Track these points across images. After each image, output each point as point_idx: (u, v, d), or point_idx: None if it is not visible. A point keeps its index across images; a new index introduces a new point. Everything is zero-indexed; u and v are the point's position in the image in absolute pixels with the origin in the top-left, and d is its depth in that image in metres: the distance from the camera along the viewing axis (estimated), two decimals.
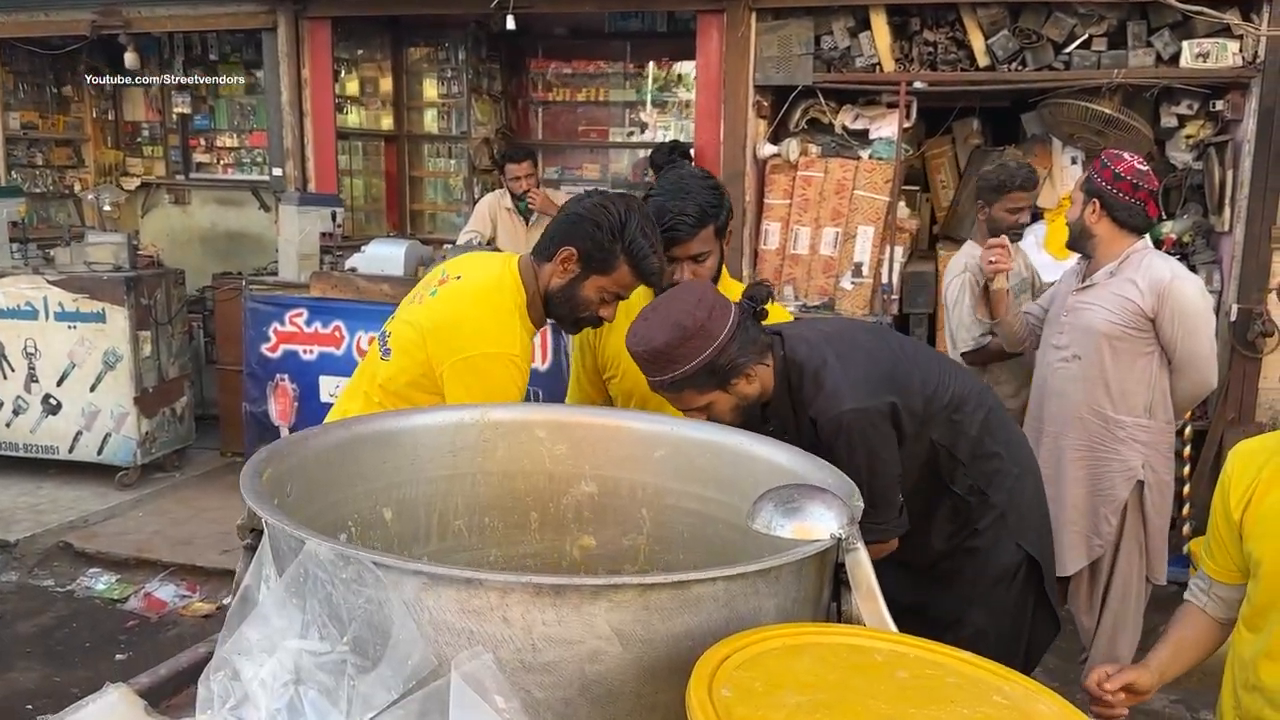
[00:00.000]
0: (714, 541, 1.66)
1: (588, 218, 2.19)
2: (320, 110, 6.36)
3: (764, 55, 5.35)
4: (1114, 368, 3.22)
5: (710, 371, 1.98)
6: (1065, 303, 3.37)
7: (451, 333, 2.20)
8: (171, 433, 6.11)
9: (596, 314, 2.26)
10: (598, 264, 2.19)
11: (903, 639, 1.14)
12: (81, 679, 4.02)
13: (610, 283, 2.21)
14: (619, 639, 1.03)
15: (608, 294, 2.23)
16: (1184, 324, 3.16)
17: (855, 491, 1.35)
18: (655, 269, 2.20)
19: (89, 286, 5.68)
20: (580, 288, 2.22)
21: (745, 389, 2.05)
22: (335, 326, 5.32)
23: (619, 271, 2.19)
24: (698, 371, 1.97)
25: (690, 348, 1.96)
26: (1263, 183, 4.68)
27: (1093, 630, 3.41)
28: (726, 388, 2.02)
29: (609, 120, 7.95)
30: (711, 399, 2.02)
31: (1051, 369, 3.38)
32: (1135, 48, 4.84)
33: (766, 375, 2.09)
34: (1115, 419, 3.25)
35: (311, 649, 1.11)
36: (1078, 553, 3.32)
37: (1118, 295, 3.20)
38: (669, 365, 1.97)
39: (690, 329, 1.96)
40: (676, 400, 2.05)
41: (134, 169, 8.01)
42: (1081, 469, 3.30)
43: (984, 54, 5.02)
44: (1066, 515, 3.29)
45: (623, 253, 2.17)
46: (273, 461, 1.36)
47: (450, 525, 1.68)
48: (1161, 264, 3.23)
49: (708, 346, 1.96)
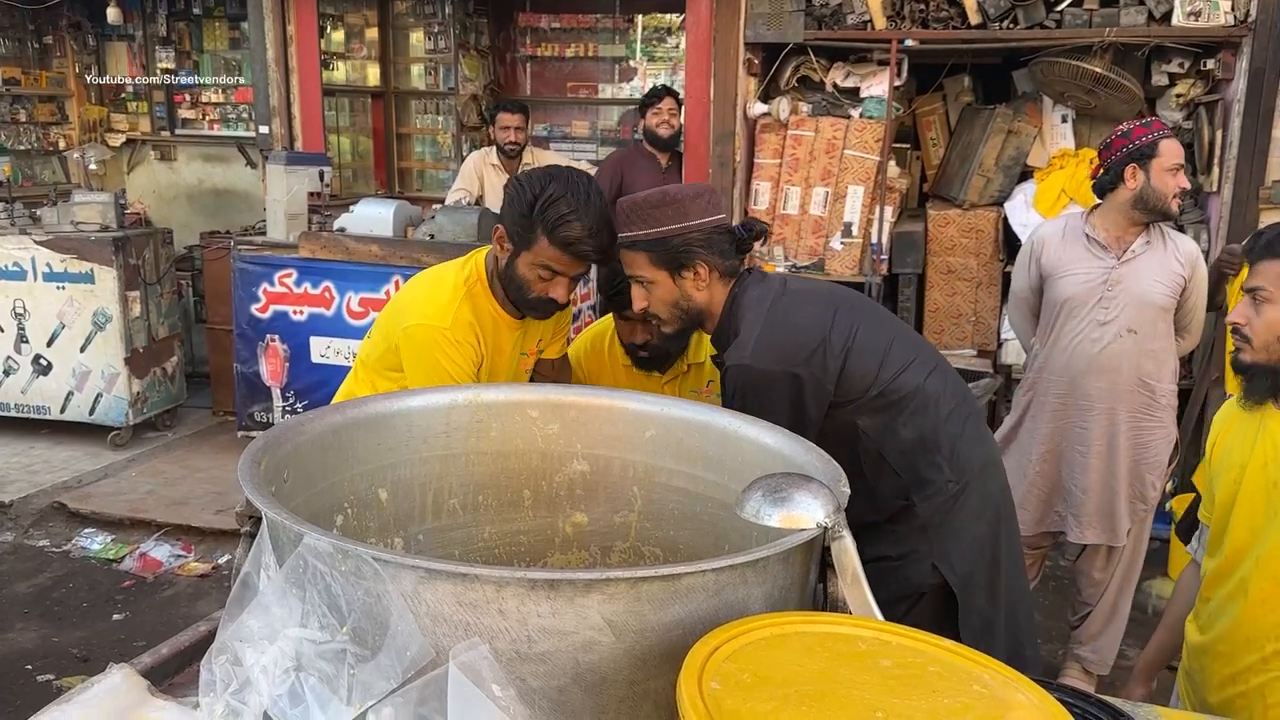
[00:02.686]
0: (703, 518, 1.69)
1: (511, 194, 2.20)
2: (306, 67, 6.29)
3: (755, 12, 5.30)
4: (1160, 338, 3.28)
5: (668, 247, 2.05)
6: (1105, 276, 3.25)
7: (397, 307, 2.35)
8: (163, 392, 6.11)
9: (544, 295, 2.21)
10: (521, 239, 2.17)
11: (887, 627, 1.17)
12: (79, 639, 4.07)
13: (535, 257, 2.16)
14: (611, 629, 1.06)
15: (542, 270, 2.17)
16: (1199, 290, 3.30)
17: (842, 476, 1.38)
18: (573, 237, 2.12)
19: (77, 247, 5.65)
20: (515, 266, 2.20)
21: (691, 288, 2.09)
22: (325, 287, 5.31)
23: (539, 244, 2.14)
24: (658, 239, 2.05)
25: (662, 214, 2.05)
26: (1251, 143, 4.69)
27: (1104, 585, 3.49)
28: (675, 275, 2.07)
29: (598, 76, 7.89)
30: (657, 279, 2.09)
31: (1098, 345, 3.27)
32: (1127, 6, 4.82)
33: (719, 294, 2.11)
34: (1159, 387, 3.31)
35: (312, 638, 1.14)
36: (1127, 521, 3.38)
37: (1167, 269, 3.23)
38: (639, 223, 2.06)
39: (671, 198, 2.07)
40: (629, 265, 2.12)
41: (119, 125, 7.94)
42: (1132, 438, 3.33)
43: (975, 12, 4.99)
44: (1121, 487, 3.34)
45: (539, 224, 2.12)
46: (269, 449, 1.38)
47: (445, 504, 1.71)
48: (1182, 237, 3.35)
49: (678, 221, 2.04)
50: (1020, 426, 3.57)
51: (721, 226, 2.10)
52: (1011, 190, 5.36)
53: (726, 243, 2.09)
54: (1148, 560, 3.78)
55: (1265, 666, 1.94)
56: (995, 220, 5.30)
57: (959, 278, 5.37)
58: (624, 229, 2.10)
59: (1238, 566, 2.01)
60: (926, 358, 2.15)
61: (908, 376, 2.07)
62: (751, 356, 1.98)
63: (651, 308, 2.14)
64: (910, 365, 2.08)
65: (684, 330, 2.20)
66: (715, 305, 2.12)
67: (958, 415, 2.11)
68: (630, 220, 2.08)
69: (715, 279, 2.10)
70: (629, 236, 2.09)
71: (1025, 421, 3.54)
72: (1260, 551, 1.94)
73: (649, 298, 2.12)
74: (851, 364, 2.03)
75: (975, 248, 5.32)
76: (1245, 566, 1.98)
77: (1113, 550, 3.44)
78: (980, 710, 1.00)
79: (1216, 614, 2.07)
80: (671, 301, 2.11)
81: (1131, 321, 3.24)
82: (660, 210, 2.05)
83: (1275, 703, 1.92)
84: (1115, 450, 3.32)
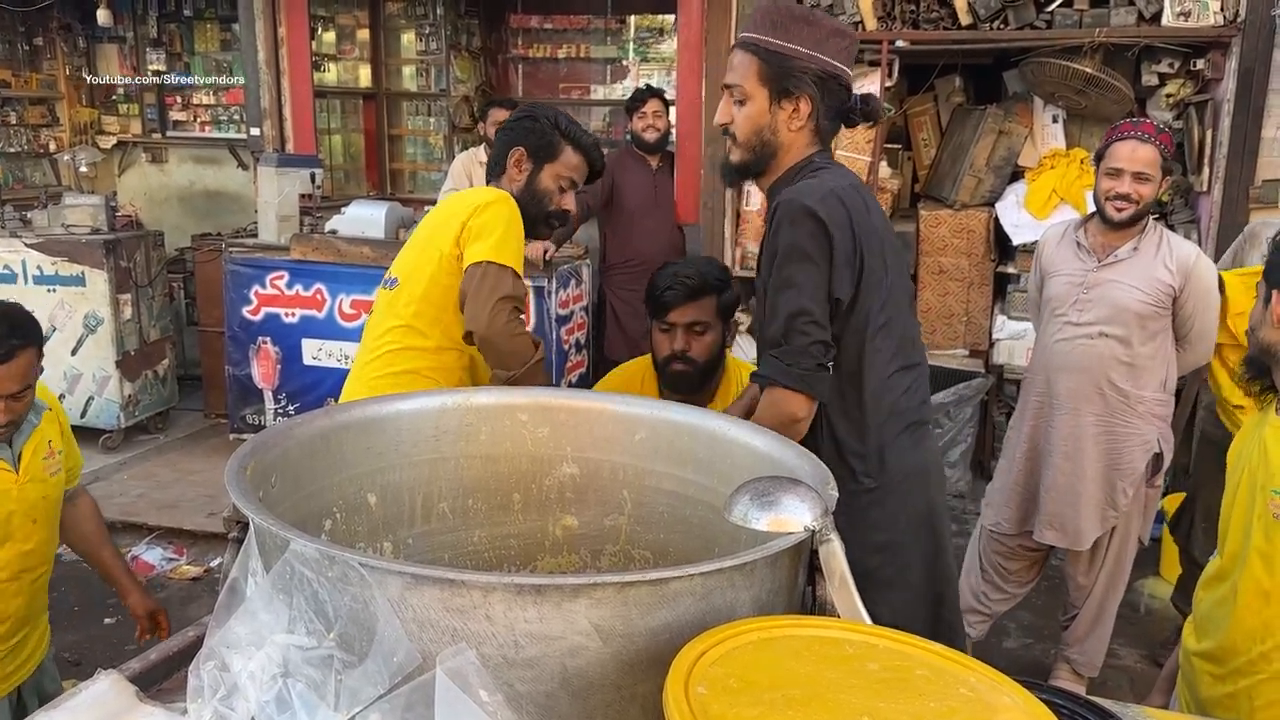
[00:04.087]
0: (692, 521, 1.69)
1: (524, 120, 2.51)
2: (297, 69, 6.29)
3: (746, 13, 5.30)
4: (1140, 345, 3.23)
5: (785, 67, 1.92)
6: (1083, 278, 3.27)
7: (455, 203, 2.47)
8: (154, 395, 6.10)
9: (559, 207, 2.50)
10: (545, 152, 2.47)
11: (874, 630, 1.17)
12: (71, 643, 4.05)
13: (561, 167, 2.48)
14: (599, 634, 1.06)
15: (563, 180, 2.49)
16: (1201, 301, 3.21)
17: (830, 480, 1.38)
18: (591, 144, 2.51)
19: (68, 249, 5.63)
20: (538, 180, 2.49)
21: (783, 121, 1.96)
22: (317, 289, 5.30)
23: (565, 154, 2.48)
24: (779, 52, 1.91)
25: (799, 31, 1.91)
26: (1241, 143, 4.71)
27: (1088, 589, 3.47)
28: (776, 100, 1.95)
29: (590, 77, 7.89)
30: (755, 95, 1.96)
31: (1070, 344, 3.29)
32: (1117, 6, 4.83)
33: (800, 145, 2.01)
34: (1136, 394, 3.25)
35: (299, 644, 1.14)
36: (1094, 526, 3.34)
37: (1149, 275, 3.18)
38: (770, 28, 1.92)
39: (815, 21, 1.93)
40: (735, 68, 1.98)
41: (110, 127, 7.92)
42: (1102, 443, 3.29)
43: (966, 12, 5.00)
44: (1086, 490, 3.30)
45: (563, 138, 2.47)
46: (257, 454, 1.38)
47: (434, 508, 1.71)
48: (1182, 243, 3.26)
49: (810, 46, 1.91)
50: (1010, 425, 3.61)
51: (843, 80, 1.98)
52: (1003, 190, 5.37)
53: (839, 100, 1.99)
54: (1140, 560, 3.79)
55: (1252, 669, 1.96)
56: (987, 220, 5.31)
57: (951, 278, 5.38)
58: (754, 29, 1.96)
59: (1230, 571, 2.04)
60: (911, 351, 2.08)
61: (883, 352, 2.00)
62: (804, 194, 1.91)
63: (733, 124, 2.01)
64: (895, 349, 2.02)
65: (750, 163, 2.05)
66: (791, 154, 2.01)
67: (900, 419, 2.04)
68: (764, 22, 1.93)
69: (807, 127, 1.99)
70: (754, 38, 1.95)
71: (1014, 420, 3.58)
72: (1246, 555, 1.96)
73: (735, 114, 2.00)
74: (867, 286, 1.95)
75: (967, 248, 5.33)
76: (1236, 571, 2.01)
77: (1095, 554, 3.43)
78: (966, 713, 1.00)
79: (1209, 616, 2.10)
80: (757, 125, 1.98)
81: (1106, 325, 3.23)
82: (798, 27, 1.91)
83: (1263, 704, 1.94)
84: (1081, 453, 3.30)
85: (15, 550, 2.48)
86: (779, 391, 1.91)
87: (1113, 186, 3.18)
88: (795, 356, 1.90)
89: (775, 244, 1.92)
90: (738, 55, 1.98)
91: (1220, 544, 2.13)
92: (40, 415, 2.51)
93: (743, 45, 1.97)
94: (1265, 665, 1.95)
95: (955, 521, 5.12)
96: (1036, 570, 3.63)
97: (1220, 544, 2.13)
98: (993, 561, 3.59)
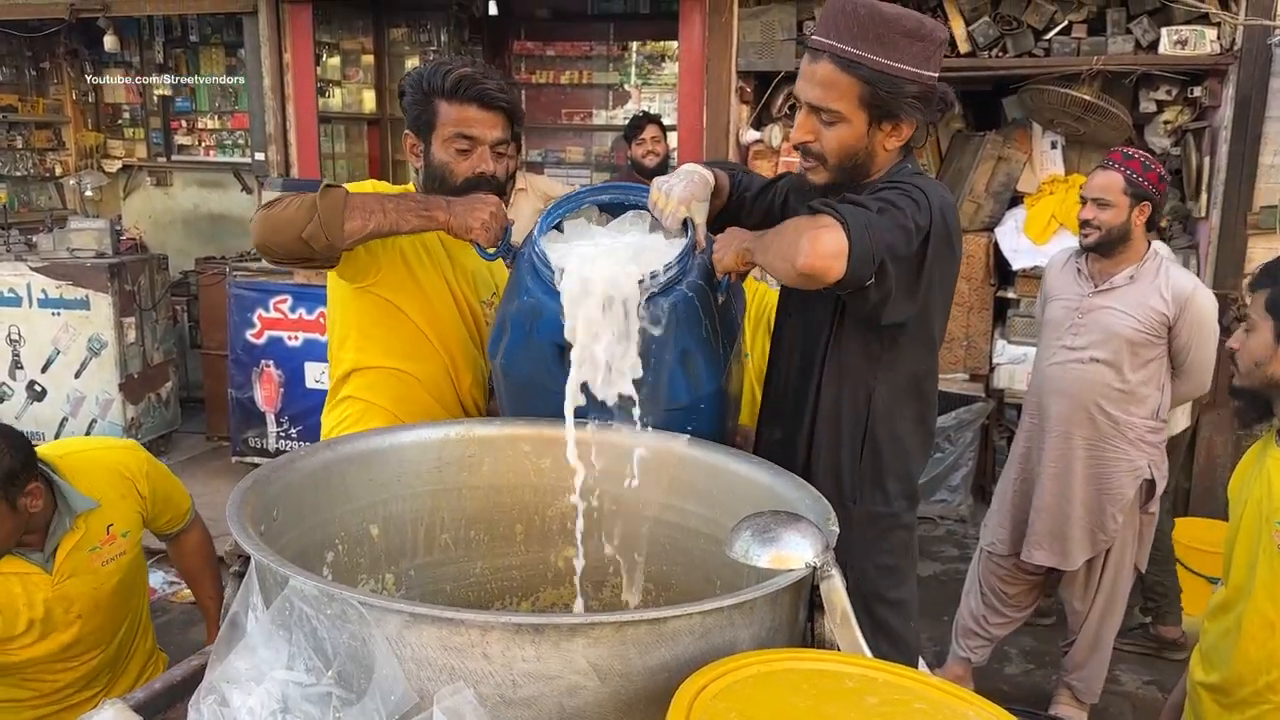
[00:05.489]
0: (694, 553, 1.69)
1: (401, 99, 2.12)
2: (302, 95, 6.33)
3: (746, 41, 5.36)
4: (1131, 371, 3.25)
5: (892, 88, 1.68)
6: (1078, 304, 3.33)
7: None
8: (157, 418, 6.11)
9: (470, 174, 2.04)
10: (425, 123, 2.06)
11: (874, 664, 1.18)
12: None
13: (444, 130, 2.04)
14: (597, 673, 1.06)
15: (457, 143, 2.04)
16: (1198, 333, 3.24)
17: (831, 515, 1.39)
18: (466, 76, 2.01)
19: (72, 273, 5.66)
20: (432, 159, 2.07)
21: (881, 143, 1.75)
22: (320, 313, 5.32)
23: (441, 110, 2.03)
24: (887, 75, 1.67)
25: (909, 49, 1.66)
26: (1239, 169, 4.72)
27: (1084, 616, 3.48)
28: (875, 123, 1.73)
29: (592, 102, 7.93)
30: (852, 118, 1.72)
31: (1063, 368, 3.33)
32: (1114, 34, 4.86)
33: (892, 154, 1.81)
34: (1127, 420, 3.27)
35: (298, 680, 1.15)
36: (1083, 548, 3.36)
37: (1143, 303, 3.22)
38: (874, 41, 1.64)
39: (927, 33, 1.68)
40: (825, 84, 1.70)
41: (115, 151, 7.96)
42: (1090, 467, 3.31)
43: (965, 40, 5.04)
44: (1074, 512, 3.33)
45: (433, 93, 2.03)
46: (258, 487, 1.39)
47: (437, 539, 1.71)
48: (1181, 274, 3.30)
49: (920, 65, 1.67)
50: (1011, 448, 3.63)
51: (945, 96, 1.77)
52: (1002, 216, 5.39)
53: (937, 111, 1.79)
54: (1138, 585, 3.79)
55: (1259, 699, 1.96)
56: (986, 245, 5.33)
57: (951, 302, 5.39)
58: (852, 41, 1.67)
59: (1236, 602, 2.05)
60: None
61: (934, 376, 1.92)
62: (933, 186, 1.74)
63: (819, 143, 1.77)
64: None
65: (838, 184, 1.81)
66: (880, 166, 1.82)
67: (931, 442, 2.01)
68: (865, 35, 1.65)
69: (902, 144, 1.79)
70: (855, 54, 1.67)
71: (1013, 443, 3.61)
72: (1251, 587, 1.97)
73: (823, 133, 1.75)
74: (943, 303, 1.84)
75: (967, 273, 5.34)
76: (1241, 603, 2.01)
77: (1090, 579, 3.44)
78: None
79: (1215, 646, 2.10)
80: (852, 149, 1.76)
81: (1098, 351, 3.26)
82: (907, 44, 1.65)
83: None
84: (1070, 474, 3.33)
85: (56, 642, 2.47)
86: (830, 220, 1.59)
87: (1080, 214, 3.30)
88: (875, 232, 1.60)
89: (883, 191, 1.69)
90: (829, 71, 1.70)
91: (1225, 575, 2.13)
92: (73, 519, 2.48)
93: (838, 61, 1.68)
94: (1271, 695, 1.96)
95: (956, 545, 5.11)
96: (1035, 595, 3.63)
97: (1225, 575, 2.13)
98: (991, 585, 3.60)
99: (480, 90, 2.01)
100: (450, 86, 2.01)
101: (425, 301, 2.09)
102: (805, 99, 1.75)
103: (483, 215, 1.88)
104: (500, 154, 2.07)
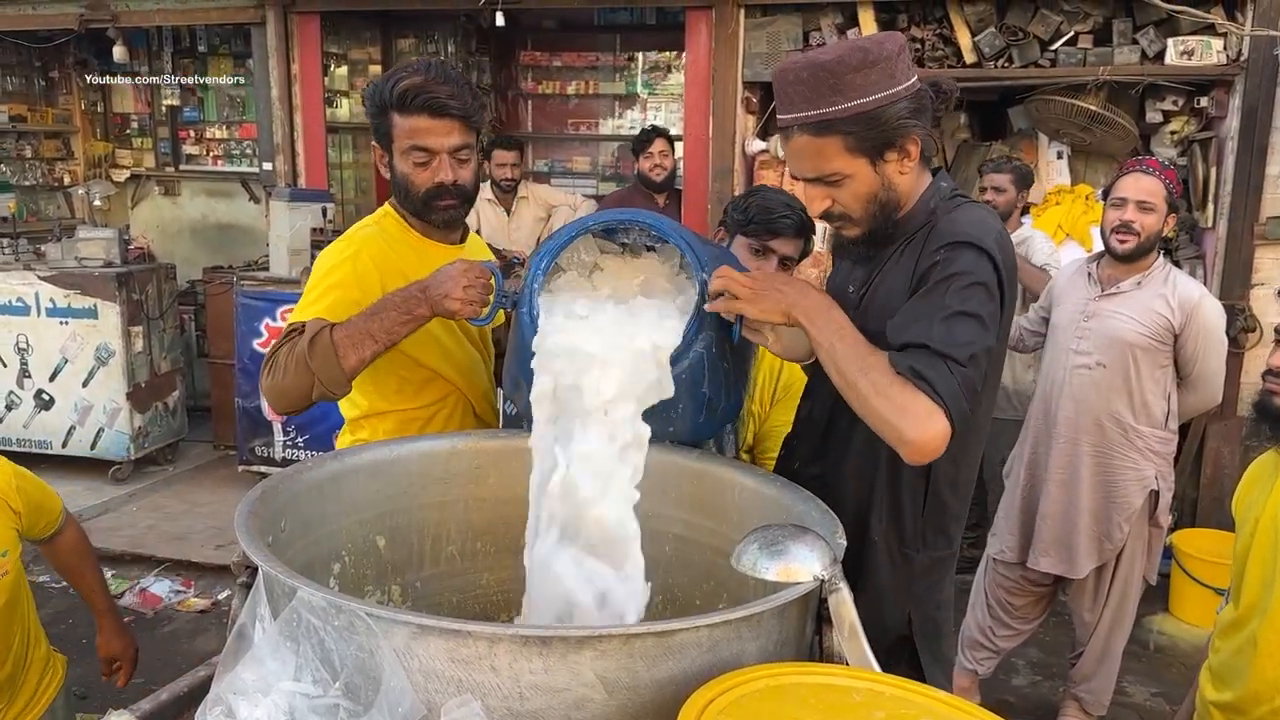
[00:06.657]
0: (698, 564, 1.69)
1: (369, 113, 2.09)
2: (310, 105, 6.35)
3: (752, 51, 5.37)
4: (1137, 379, 3.25)
5: (878, 123, 1.58)
6: (1085, 308, 3.33)
7: None
8: (164, 426, 6.13)
9: (430, 184, 2.03)
10: (384, 133, 2.04)
11: (881, 678, 1.17)
12: (78, 676, 4.01)
13: (401, 142, 2.02)
14: (604, 686, 1.06)
15: (415, 154, 2.01)
16: (1205, 343, 3.22)
17: (839, 527, 1.39)
18: (415, 86, 1.97)
19: (80, 282, 5.68)
20: (395, 172, 2.06)
21: (895, 172, 1.65)
22: None
23: (397, 124, 2.01)
24: (862, 115, 1.57)
25: (867, 78, 1.55)
26: (1245, 179, 4.72)
27: (1093, 626, 3.47)
28: (878, 159, 1.63)
29: (598, 112, 7.95)
30: (854, 171, 1.64)
31: (1070, 373, 3.33)
32: (1120, 45, 4.86)
33: (919, 182, 1.71)
34: (1135, 428, 3.27)
35: (305, 692, 1.15)
36: (1090, 556, 3.35)
37: (1148, 309, 3.22)
38: (829, 94, 1.56)
39: (874, 56, 1.56)
40: (812, 158, 1.64)
41: (123, 160, 7.99)
42: (1098, 475, 3.31)
43: (971, 51, 5.04)
44: (1081, 519, 3.32)
45: (389, 105, 2.00)
46: (266, 498, 1.39)
47: (443, 551, 1.72)
48: (1188, 282, 3.29)
49: (887, 85, 1.56)
50: (1013, 455, 3.62)
51: (924, 87, 1.65)
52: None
53: (934, 107, 1.66)
54: (1149, 596, 3.78)
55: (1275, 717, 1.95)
56: None
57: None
58: (809, 104, 1.59)
59: (1249, 620, 2.02)
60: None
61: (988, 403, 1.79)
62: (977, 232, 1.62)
63: (837, 205, 1.70)
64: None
65: (876, 231, 1.72)
66: (912, 194, 1.70)
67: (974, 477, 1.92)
68: (816, 90, 1.57)
69: (919, 160, 1.68)
70: (821, 114, 1.58)
71: (1016, 448, 3.62)
72: (1268, 605, 1.95)
73: (835, 195, 1.68)
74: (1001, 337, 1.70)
75: None
76: (1255, 621, 1.99)
77: (1099, 589, 3.43)
78: None
79: (1228, 665, 2.08)
80: (869, 194, 1.67)
81: (1103, 356, 3.26)
82: (863, 75, 1.55)
83: None
84: (1077, 481, 3.32)
85: None
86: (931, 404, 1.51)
87: (1117, 216, 3.23)
88: (968, 389, 1.54)
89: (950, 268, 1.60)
90: (806, 142, 1.64)
91: (1234, 593, 2.11)
92: None
93: (810, 129, 1.62)
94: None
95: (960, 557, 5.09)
96: (1043, 606, 3.61)
97: (1234, 593, 2.11)
98: (998, 596, 3.59)
99: (428, 99, 1.98)
100: (398, 98, 1.99)
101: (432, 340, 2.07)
102: (803, 176, 1.71)
103: (456, 290, 1.82)
104: (462, 160, 2.05)
